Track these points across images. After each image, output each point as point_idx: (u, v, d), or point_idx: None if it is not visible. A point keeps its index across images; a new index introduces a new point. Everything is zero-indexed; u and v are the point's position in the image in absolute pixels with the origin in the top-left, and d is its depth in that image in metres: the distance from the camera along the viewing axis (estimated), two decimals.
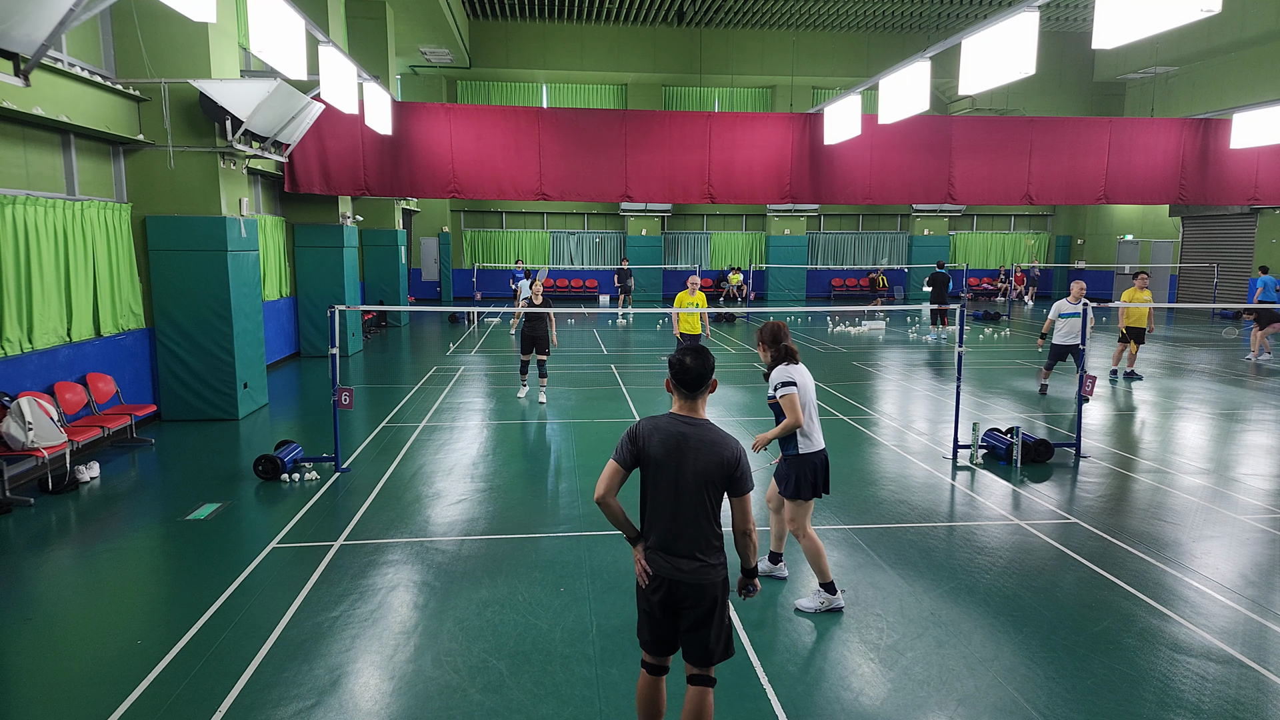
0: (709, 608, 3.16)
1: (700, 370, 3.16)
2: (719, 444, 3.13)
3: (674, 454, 3.11)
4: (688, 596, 3.14)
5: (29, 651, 4.47)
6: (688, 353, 3.19)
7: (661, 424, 3.17)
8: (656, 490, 3.15)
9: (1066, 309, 11.12)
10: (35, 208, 7.77)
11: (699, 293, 11.41)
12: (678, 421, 3.17)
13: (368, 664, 4.29)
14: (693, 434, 3.13)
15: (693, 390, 3.18)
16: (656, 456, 3.12)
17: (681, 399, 3.21)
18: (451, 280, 28.04)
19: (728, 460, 3.11)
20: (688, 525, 3.12)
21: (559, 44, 26.92)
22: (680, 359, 3.18)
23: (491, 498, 7.04)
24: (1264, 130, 13.38)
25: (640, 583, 3.24)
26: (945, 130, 14.56)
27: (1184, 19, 6.40)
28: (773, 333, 5.00)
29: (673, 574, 3.13)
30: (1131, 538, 6.06)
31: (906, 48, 26.80)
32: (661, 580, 3.16)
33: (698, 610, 3.15)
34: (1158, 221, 27.36)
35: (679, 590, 3.14)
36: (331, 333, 7.56)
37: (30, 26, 5.92)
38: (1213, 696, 3.96)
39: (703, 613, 3.16)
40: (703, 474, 3.10)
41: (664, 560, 3.15)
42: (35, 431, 6.85)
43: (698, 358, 3.18)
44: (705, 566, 3.14)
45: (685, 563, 3.13)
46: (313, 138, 12.83)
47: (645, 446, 3.14)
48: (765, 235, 30.59)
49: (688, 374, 3.16)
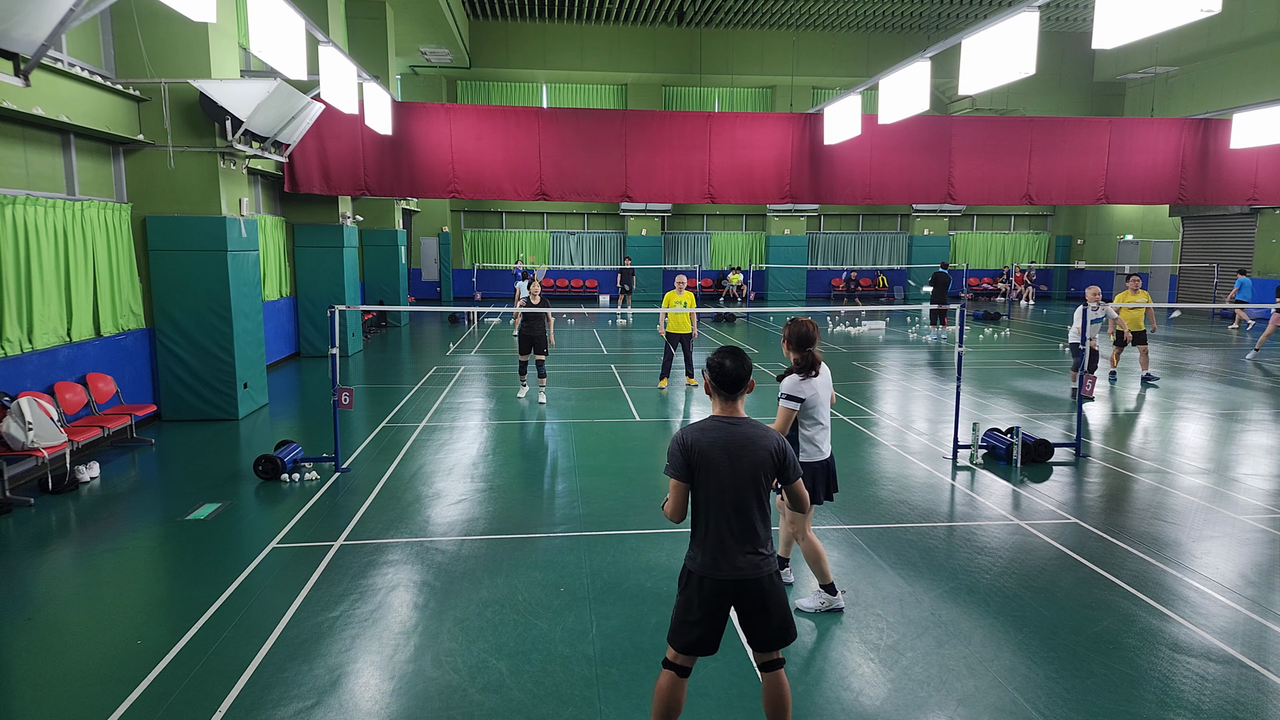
0: (771, 594, 3.26)
1: (739, 372, 3.26)
2: (764, 436, 3.25)
3: (726, 454, 3.19)
4: (754, 592, 3.23)
5: (29, 651, 4.47)
6: (726, 355, 3.29)
7: (708, 427, 3.25)
8: (716, 492, 3.20)
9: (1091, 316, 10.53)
10: (35, 208, 7.77)
11: (687, 292, 11.39)
12: (723, 423, 3.26)
13: (368, 664, 4.29)
14: (739, 432, 3.23)
15: (733, 391, 3.28)
16: (710, 459, 3.19)
17: (723, 400, 3.30)
18: (451, 280, 28.05)
19: (775, 450, 3.23)
20: (748, 521, 3.21)
21: (559, 44, 26.92)
22: (720, 361, 3.27)
23: (491, 498, 7.04)
24: (1264, 130, 13.38)
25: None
26: (945, 130, 14.56)
27: (1184, 19, 6.41)
28: (799, 336, 4.83)
29: (737, 574, 3.20)
30: (1131, 538, 6.06)
31: (906, 48, 26.80)
32: (728, 584, 3.21)
33: (763, 601, 3.24)
34: (1158, 221, 27.36)
35: (746, 589, 3.22)
36: (331, 333, 7.56)
37: (30, 26, 5.92)
38: (1213, 696, 3.96)
39: (768, 602, 3.25)
40: (756, 467, 3.20)
41: (727, 564, 3.20)
42: (35, 431, 6.85)
43: (736, 360, 3.27)
44: (765, 558, 3.24)
45: (748, 559, 3.21)
46: (313, 138, 12.83)
47: (696, 452, 3.20)
48: (765, 235, 30.59)
49: (727, 376, 3.25)
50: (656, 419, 10.17)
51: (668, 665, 3.34)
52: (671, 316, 11.51)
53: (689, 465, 3.21)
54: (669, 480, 3.25)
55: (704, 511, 3.23)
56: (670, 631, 3.33)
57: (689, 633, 3.26)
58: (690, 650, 3.29)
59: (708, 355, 3.38)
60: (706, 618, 3.24)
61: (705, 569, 3.21)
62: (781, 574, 5.23)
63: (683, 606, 3.28)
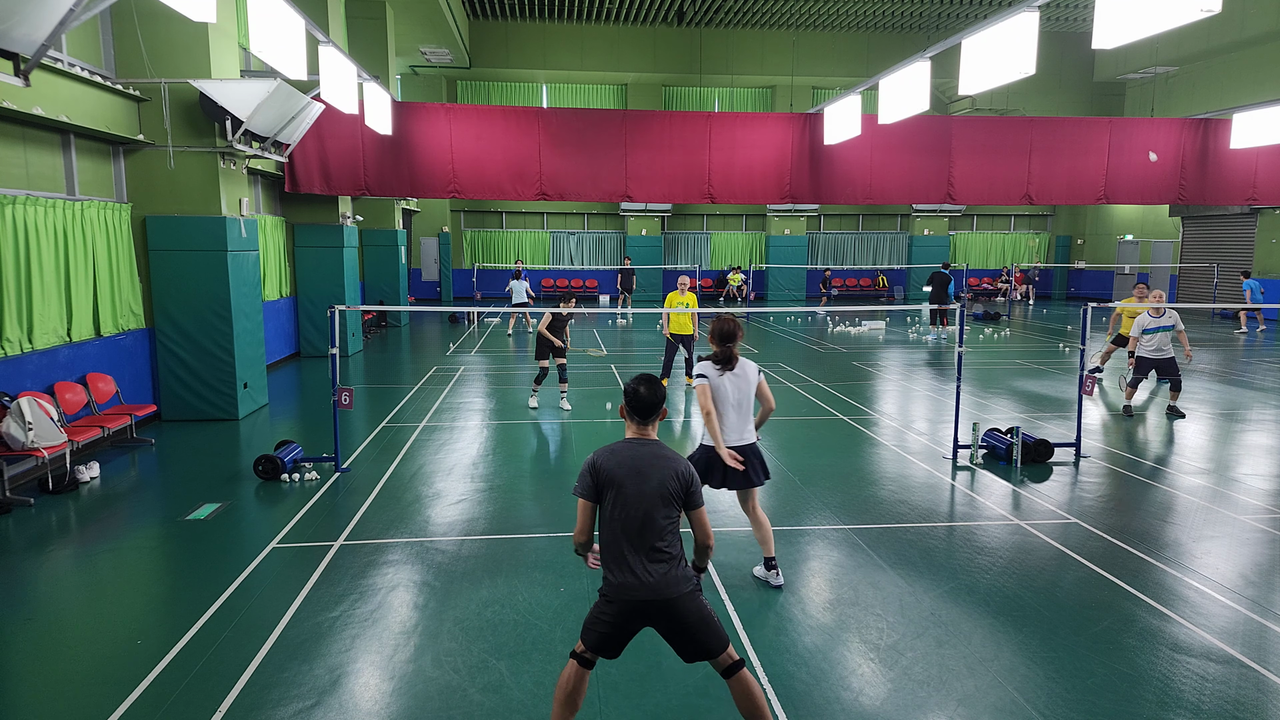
0: (693, 611, 3.30)
1: (652, 399, 3.41)
2: (672, 459, 3.37)
3: (635, 475, 3.30)
4: (670, 612, 3.27)
5: (29, 651, 4.47)
6: (641, 382, 3.43)
7: (618, 449, 3.38)
8: (621, 513, 3.28)
9: (1150, 324, 10.06)
10: (35, 208, 7.77)
11: (689, 293, 11.37)
12: (634, 445, 3.39)
13: (368, 664, 4.29)
14: (647, 452, 3.36)
15: (646, 417, 3.43)
16: (619, 479, 3.30)
17: (637, 424, 3.45)
18: (451, 280, 28.05)
19: (682, 473, 3.34)
20: (651, 543, 3.27)
21: (559, 44, 26.92)
22: (635, 388, 3.42)
23: (491, 498, 7.04)
24: (1264, 130, 13.38)
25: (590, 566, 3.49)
26: (945, 130, 14.56)
27: (1184, 19, 6.41)
28: (721, 332, 5.03)
29: (648, 595, 3.25)
30: (1131, 538, 6.06)
31: (906, 48, 26.79)
32: (638, 604, 3.27)
33: (679, 620, 3.29)
34: (1158, 221, 27.36)
35: (656, 609, 3.27)
36: (331, 333, 7.56)
37: (30, 26, 5.92)
38: (1213, 696, 3.96)
39: (684, 619, 3.29)
40: (662, 488, 3.29)
41: (635, 583, 3.25)
42: (35, 431, 6.85)
43: (650, 387, 3.42)
44: (677, 579, 3.29)
45: (656, 580, 3.26)
46: (313, 138, 12.83)
47: (604, 473, 3.32)
48: (765, 235, 30.59)
49: (641, 402, 3.41)
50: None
51: (574, 656, 3.42)
52: (673, 317, 11.51)
53: (597, 486, 3.33)
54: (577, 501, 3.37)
55: (613, 531, 3.30)
56: (584, 626, 3.42)
57: (597, 637, 3.36)
58: (596, 649, 3.38)
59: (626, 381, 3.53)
60: (613, 631, 3.34)
61: (619, 591, 3.28)
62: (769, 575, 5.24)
63: (595, 615, 3.37)
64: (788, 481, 7.47)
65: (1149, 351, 10.20)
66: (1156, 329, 10.11)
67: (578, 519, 3.39)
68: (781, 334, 19.40)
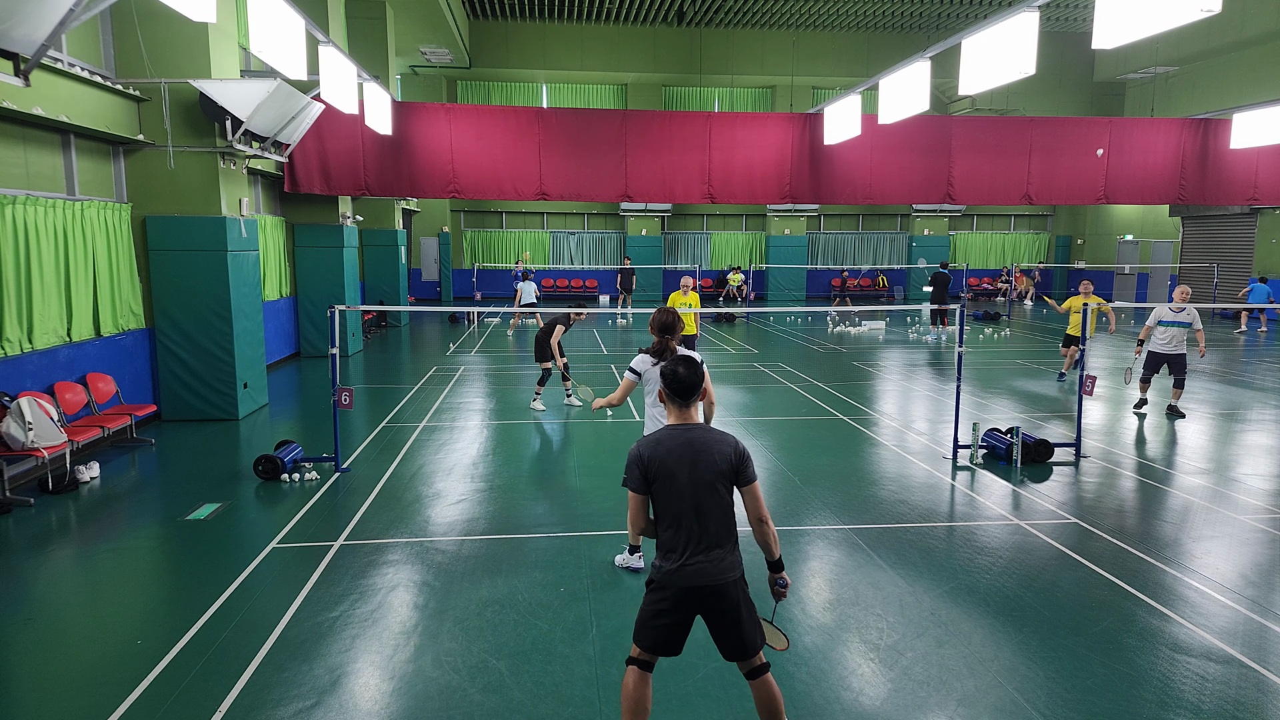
0: (739, 602, 3.23)
1: (692, 380, 3.28)
2: (720, 440, 3.25)
3: (685, 462, 3.19)
4: (722, 598, 3.20)
5: (29, 651, 4.47)
6: (679, 363, 3.31)
7: (663, 438, 3.25)
8: (677, 502, 3.19)
9: (1167, 316, 9.96)
10: (35, 208, 7.77)
11: (692, 293, 11.35)
12: (678, 431, 3.27)
13: (368, 664, 4.29)
14: (695, 438, 3.24)
15: (687, 399, 3.30)
16: (670, 469, 3.19)
17: (677, 408, 3.33)
18: (451, 280, 28.05)
19: (733, 452, 3.23)
20: (711, 527, 3.19)
21: (559, 44, 26.92)
22: (673, 369, 3.29)
23: (491, 498, 7.04)
24: (1264, 130, 13.38)
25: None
26: (945, 130, 14.56)
27: (1184, 19, 6.41)
28: (661, 324, 5.05)
29: (703, 580, 3.17)
30: (1131, 538, 6.06)
31: (906, 48, 26.79)
32: (693, 590, 3.18)
33: (731, 608, 3.21)
34: (1158, 221, 27.36)
35: (712, 596, 3.19)
36: (331, 333, 7.56)
37: (30, 26, 5.92)
38: (1213, 696, 3.96)
39: (736, 609, 3.22)
40: (715, 472, 3.19)
41: (692, 571, 3.17)
42: (35, 431, 6.85)
43: (689, 368, 3.30)
44: (731, 564, 3.21)
45: (714, 565, 3.18)
46: (313, 138, 12.83)
47: (653, 464, 3.20)
48: (765, 235, 30.59)
49: (681, 384, 3.28)
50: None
51: (631, 661, 3.33)
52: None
53: (646, 477, 3.22)
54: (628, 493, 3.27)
55: (669, 521, 3.22)
56: (635, 629, 3.33)
57: (654, 634, 3.27)
58: (654, 650, 3.29)
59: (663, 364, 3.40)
60: (672, 622, 3.24)
61: (670, 577, 3.20)
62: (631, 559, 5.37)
63: (649, 609, 3.28)
64: (788, 481, 7.47)
65: (1160, 346, 10.07)
66: (1173, 323, 9.99)
67: (630, 512, 3.28)
68: (781, 334, 19.40)
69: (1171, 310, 9.97)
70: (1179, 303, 9.91)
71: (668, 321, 5.02)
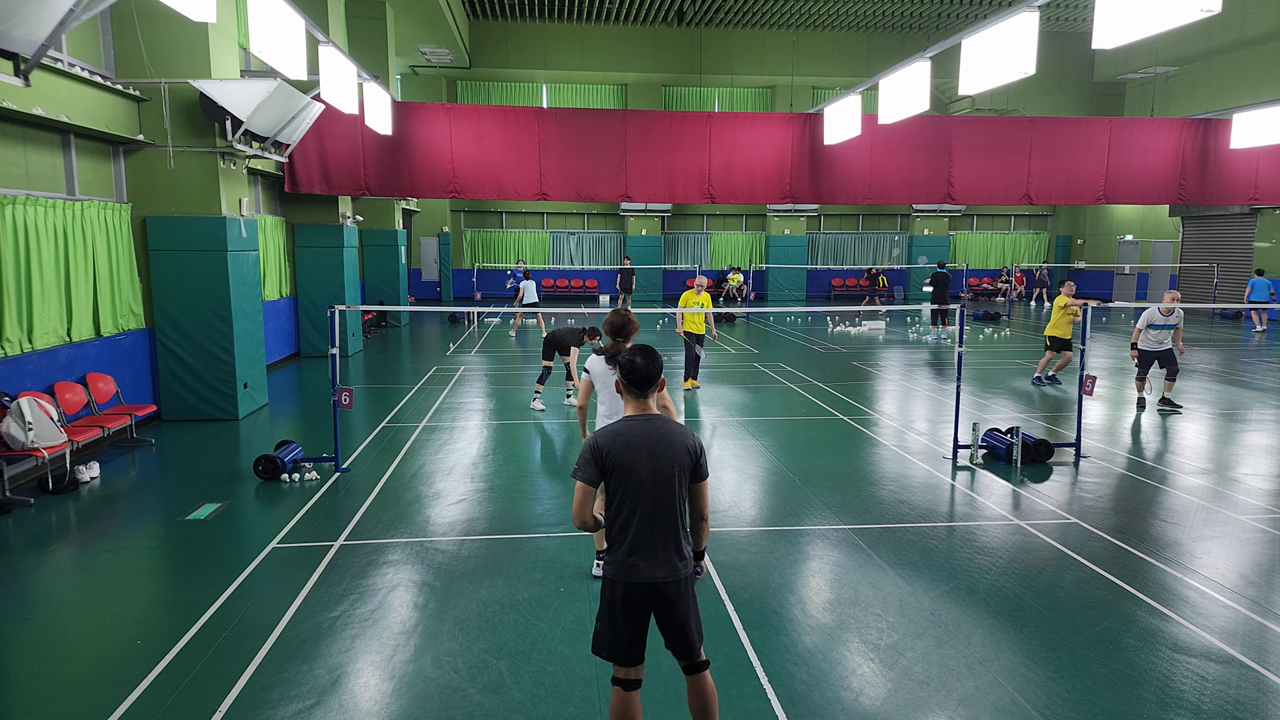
0: (685, 597, 3.21)
1: (650, 370, 3.22)
2: (680, 433, 3.22)
3: (644, 453, 3.14)
4: (669, 595, 3.16)
5: (29, 651, 4.47)
6: (637, 353, 3.24)
7: (622, 429, 3.19)
8: (634, 492, 3.13)
9: (1158, 320, 10.45)
10: (35, 208, 7.77)
11: (705, 294, 11.35)
12: (638, 421, 3.22)
13: (368, 664, 4.29)
14: (656, 429, 3.19)
15: (644, 390, 3.24)
16: (628, 460, 3.13)
17: (634, 399, 3.27)
18: (451, 280, 28.05)
19: (692, 447, 3.20)
20: (664, 522, 3.15)
21: (559, 44, 26.92)
22: (631, 359, 3.22)
23: (491, 498, 7.04)
24: (1264, 130, 13.38)
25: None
26: (945, 130, 14.56)
27: (1184, 19, 6.41)
28: (613, 325, 4.97)
29: (652, 576, 3.13)
30: (1131, 538, 6.06)
31: (906, 48, 26.79)
32: (643, 585, 3.14)
33: (678, 604, 3.18)
34: (1158, 221, 27.35)
35: (659, 591, 3.15)
36: (331, 333, 7.56)
37: (30, 26, 5.92)
38: (1213, 696, 3.96)
39: (682, 605, 3.19)
40: (674, 464, 3.15)
41: (644, 564, 3.13)
42: (35, 431, 6.85)
43: (647, 357, 3.24)
44: (683, 560, 3.19)
45: (665, 561, 3.15)
46: (313, 138, 12.83)
47: (611, 455, 3.14)
48: (765, 235, 30.59)
49: (638, 374, 3.21)
50: None
51: (614, 681, 3.26)
52: (688, 316, 11.48)
53: (600, 469, 3.16)
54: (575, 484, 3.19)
55: (622, 514, 3.15)
56: (598, 643, 3.23)
57: (616, 645, 3.19)
58: (619, 659, 3.21)
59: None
60: (628, 625, 3.17)
61: (621, 573, 3.15)
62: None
63: (604, 614, 3.21)
64: (788, 481, 7.47)
65: (1150, 345, 10.66)
66: (1163, 326, 10.55)
67: (575, 503, 3.17)
68: (781, 334, 19.40)
69: (1161, 314, 10.48)
70: (1169, 305, 10.25)
71: (618, 323, 4.96)
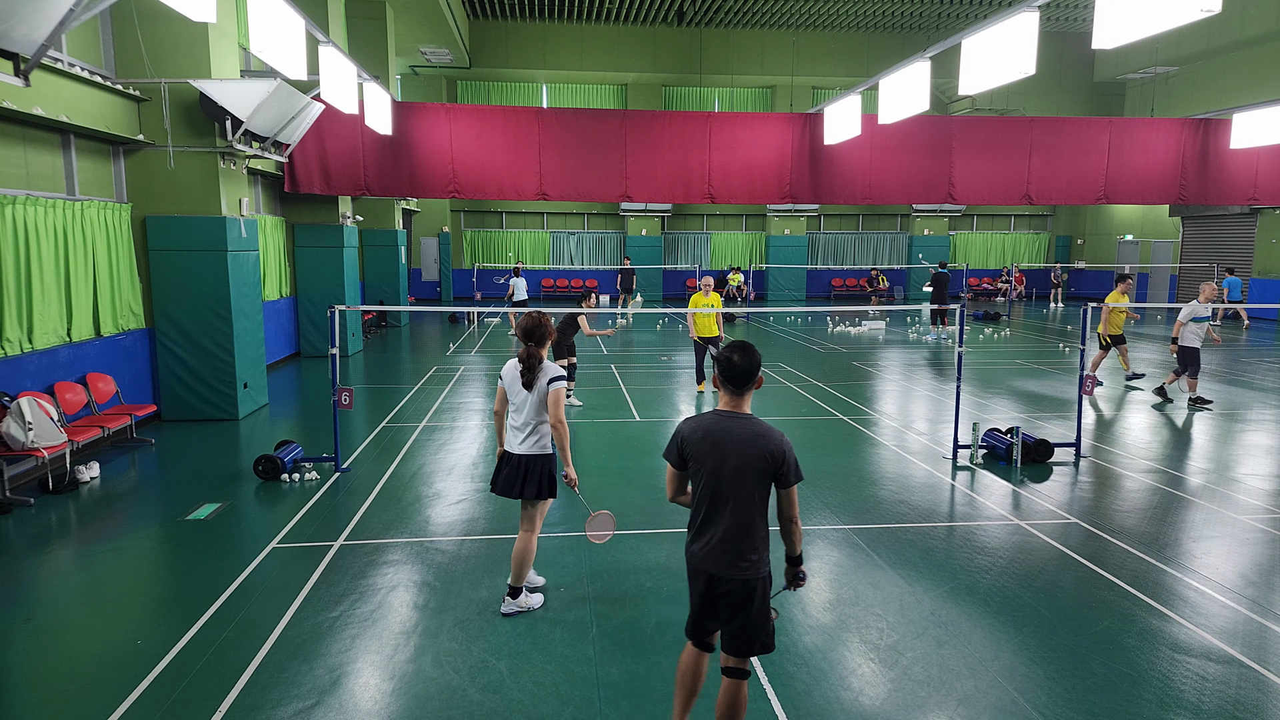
0: (746, 600, 3.20)
1: (747, 367, 3.23)
2: (763, 437, 3.18)
3: (716, 449, 3.18)
4: (728, 591, 3.20)
5: (29, 651, 4.47)
6: (735, 349, 3.26)
7: (705, 421, 3.26)
8: (706, 486, 3.22)
9: (1201, 312, 10.62)
10: (35, 208, 7.77)
11: (714, 294, 11.29)
12: (721, 417, 3.25)
13: (368, 664, 4.29)
14: (736, 428, 3.20)
15: (739, 386, 3.26)
16: (699, 453, 3.21)
17: (728, 394, 3.29)
18: (451, 280, 28.04)
19: (773, 453, 3.16)
20: (730, 520, 3.17)
21: (559, 44, 26.92)
22: (728, 356, 3.25)
23: (491, 498, 7.03)
24: (1264, 130, 13.37)
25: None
26: (945, 130, 14.56)
27: (1184, 19, 6.41)
28: (525, 330, 4.69)
29: (714, 568, 3.20)
30: (1131, 538, 6.06)
31: (906, 48, 26.79)
32: (705, 575, 3.24)
33: (737, 603, 3.21)
34: (1158, 221, 27.36)
35: (722, 587, 3.21)
36: (331, 333, 7.56)
37: (30, 26, 5.92)
38: (1213, 696, 3.96)
39: (741, 606, 3.20)
40: (746, 467, 3.15)
41: (706, 556, 3.22)
42: (35, 431, 6.85)
43: (745, 354, 3.24)
44: (747, 562, 3.19)
45: (726, 557, 3.19)
46: (313, 138, 12.82)
47: (687, 444, 3.23)
48: (765, 235, 30.59)
49: (735, 370, 3.24)
50: (656, 419, 10.17)
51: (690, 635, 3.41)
52: (699, 318, 11.43)
53: (681, 454, 3.26)
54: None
55: (698, 501, 3.26)
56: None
57: (690, 618, 3.35)
58: (689, 635, 3.35)
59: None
60: (698, 607, 3.30)
61: (692, 556, 3.28)
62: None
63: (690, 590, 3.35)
64: None
65: (1192, 339, 10.67)
66: (1204, 318, 10.70)
67: (667, 480, 3.36)
68: (781, 334, 19.40)
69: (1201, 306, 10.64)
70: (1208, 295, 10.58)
71: (530, 327, 4.65)
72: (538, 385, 4.64)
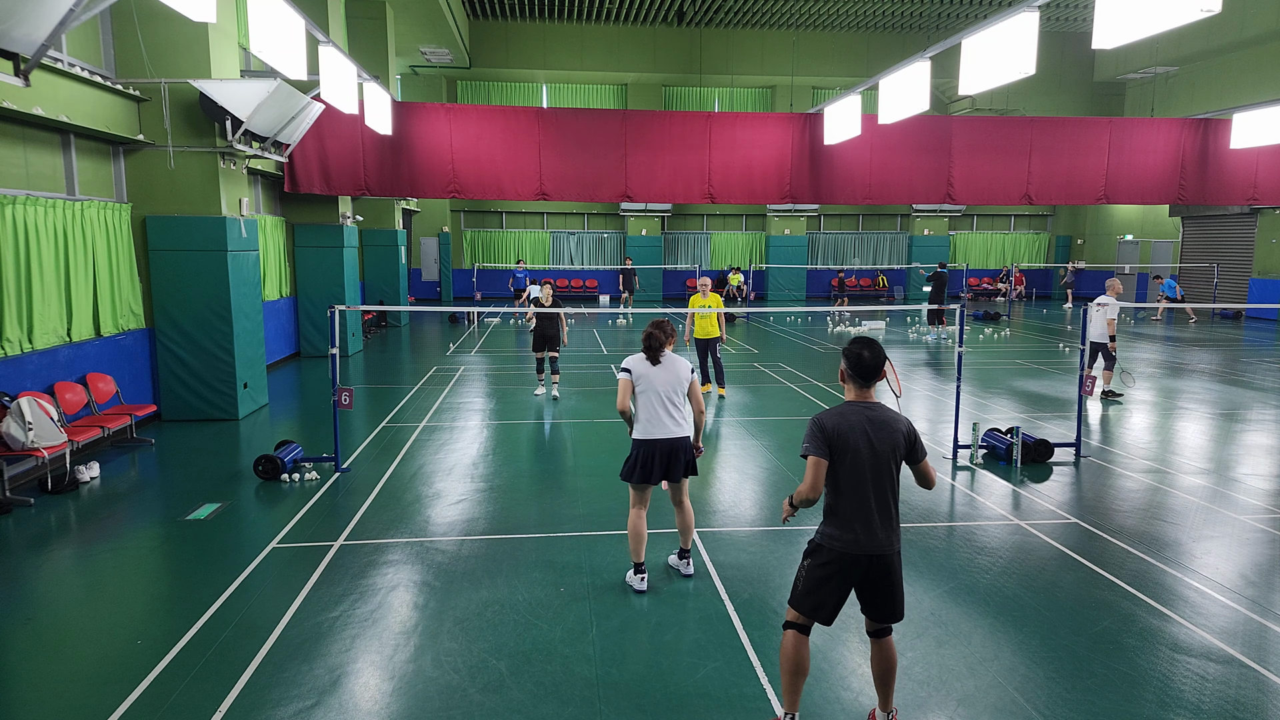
0: (898, 570, 3.49)
1: (875, 362, 3.49)
2: (895, 420, 3.49)
3: (866, 436, 3.42)
4: (887, 568, 3.45)
5: (29, 651, 4.47)
6: (864, 346, 3.50)
7: (846, 413, 3.47)
8: (857, 473, 3.41)
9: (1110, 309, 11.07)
10: (35, 208, 7.77)
11: (712, 294, 11.26)
12: (859, 408, 3.48)
13: (368, 664, 4.29)
14: (876, 415, 3.47)
15: (868, 379, 3.52)
16: (850, 444, 3.41)
17: (858, 388, 3.54)
18: (451, 280, 28.05)
19: (906, 432, 3.49)
20: (883, 500, 3.43)
21: (559, 44, 26.93)
22: (858, 352, 3.49)
23: (491, 498, 7.04)
24: (1264, 130, 13.38)
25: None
26: (945, 130, 14.56)
27: (1184, 19, 6.40)
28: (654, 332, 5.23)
29: (874, 549, 3.41)
30: (1131, 538, 6.06)
31: (906, 48, 26.80)
32: (863, 558, 3.41)
33: (893, 577, 3.47)
34: (1158, 221, 27.36)
35: (879, 565, 3.43)
36: (331, 333, 7.56)
37: (30, 26, 5.92)
38: (1213, 696, 3.96)
39: (897, 575, 3.48)
40: (890, 450, 3.44)
41: (867, 540, 3.41)
42: (35, 431, 6.85)
43: (873, 350, 3.50)
44: (897, 536, 3.48)
45: (886, 535, 3.43)
46: (313, 138, 12.83)
47: (836, 435, 3.42)
48: (765, 235, 30.59)
49: (864, 365, 3.49)
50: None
51: (789, 625, 3.56)
52: (698, 321, 11.38)
53: (829, 446, 3.42)
54: (806, 460, 3.42)
55: (844, 491, 3.43)
56: (796, 597, 3.55)
57: (816, 599, 3.49)
58: (814, 614, 3.49)
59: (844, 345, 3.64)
60: (836, 589, 3.47)
61: (845, 545, 3.42)
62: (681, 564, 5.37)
63: (813, 577, 3.49)
64: (788, 482, 7.47)
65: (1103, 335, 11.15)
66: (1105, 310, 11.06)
67: (808, 476, 3.41)
68: (781, 334, 19.40)
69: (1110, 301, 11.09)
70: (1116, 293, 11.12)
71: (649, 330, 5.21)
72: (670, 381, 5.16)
